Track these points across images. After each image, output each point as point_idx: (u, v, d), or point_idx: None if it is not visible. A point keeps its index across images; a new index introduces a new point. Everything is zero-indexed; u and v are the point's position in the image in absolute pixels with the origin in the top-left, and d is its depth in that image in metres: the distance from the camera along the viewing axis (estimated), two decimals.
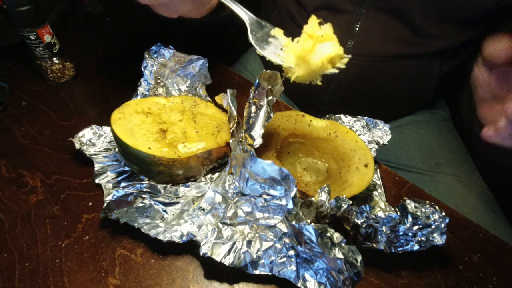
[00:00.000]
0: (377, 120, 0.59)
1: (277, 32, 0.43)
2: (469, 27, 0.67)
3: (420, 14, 0.64)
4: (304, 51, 0.39)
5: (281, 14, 0.80)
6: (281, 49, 0.42)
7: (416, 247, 0.43)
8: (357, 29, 0.69)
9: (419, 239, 0.43)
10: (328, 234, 0.40)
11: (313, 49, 0.39)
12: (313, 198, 0.44)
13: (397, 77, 0.74)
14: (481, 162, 0.77)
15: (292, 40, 0.42)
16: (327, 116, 0.61)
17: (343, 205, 0.43)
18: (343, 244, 0.40)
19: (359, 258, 0.39)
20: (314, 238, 0.39)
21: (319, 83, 0.42)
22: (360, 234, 0.44)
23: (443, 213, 0.42)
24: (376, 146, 0.57)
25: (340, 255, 0.39)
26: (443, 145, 0.79)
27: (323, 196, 0.43)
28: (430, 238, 0.43)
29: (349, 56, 0.39)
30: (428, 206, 0.43)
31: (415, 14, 0.64)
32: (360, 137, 0.58)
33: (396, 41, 0.69)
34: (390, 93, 0.78)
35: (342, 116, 0.61)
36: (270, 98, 0.45)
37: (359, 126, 0.60)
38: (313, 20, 0.40)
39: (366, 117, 0.60)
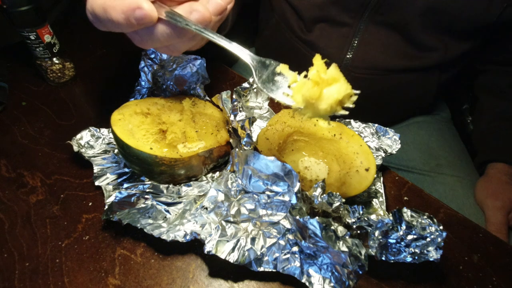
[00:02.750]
0: (387, 128, 0.58)
1: (283, 68, 0.41)
2: (468, 39, 0.67)
3: (419, 27, 0.64)
4: (311, 98, 0.38)
5: (279, 23, 0.80)
6: (289, 86, 0.41)
7: (409, 259, 0.42)
8: (356, 42, 0.69)
9: (413, 251, 0.41)
10: (332, 228, 0.40)
11: (321, 95, 0.38)
12: (307, 192, 0.44)
13: (395, 89, 0.74)
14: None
15: (299, 73, 0.40)
16: (337, 119, 0.61)
17: (335, 201, 0.43)
18: (347, 237, 0.40)
19: (363, 251, 0.39)
20: (318, 232, 0.39)
21: (330, 124, 0.40)
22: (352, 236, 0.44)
23: (441, 227, 0.41)
24: (383, 154, 0.57)
25: (344, 248, 0.39)
26: (444, 145, 0.79)
27: (317, 191, 0.43)
28: (425, 251, 0.41)
29: (358, 92, 0.38)
30: (425, 217, 0.41)
31: (414, 27, 0.64)
32: (368, 144, 0.57)
33: (395, 54, 0.69)
34: (388, 103, 0.78)
35: (352, 121, 0.61)
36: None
37: (368, 132, 0.59)
38: (318, 60, 0.38)
39: (376, 124, 0.59)
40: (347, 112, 0.38)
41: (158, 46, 0.41)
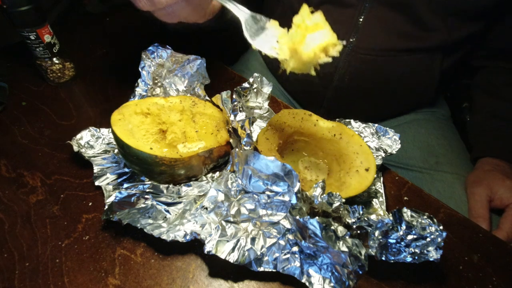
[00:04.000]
0: (387, 128, 0.58)
1: (272, 24, 0.42)
2: (471, 21, 0.68)
3: (424, 7, 0.65)
4: (294, 43, 0.38)
5: (285, 11, 0.80)
6: (277, 41, 0.42)
7: (409, 259, 0.42)
8: (360, 22, 0.69)
9: (413, 250, 0.41)
10: (332, 228, 0.40)
11: (303, 40, 0.38)
12: (307, 192, 0.44)
13: (399, 72, 0.74)
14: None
15: (288, 31, 0.41)
16: (337, 119, 0.61)
17: (335, 201, 0.43)
18: (347, 237, 0.40)
19: (363, 251, 0.39)
20: (318, 232, 0.39)
21: (313, 72, 0.41)
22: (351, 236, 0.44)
23: (441, 227, 0.41)
24: (383, 154, 0.57)
25: (344, 248, 0.39)
26: (443, 143, 0.80)
27: (317, 191, 0.43)
28: (425, 251, 0.41)
29: (343, 42, 0.38)
30: (425, 217, 0.41)
31: (419, 7, 0.65)
32: (368, 144, 0.57)
33: (399, 34, 0.69)
34: (392, 89, 0.78)
35: (352, 121, 0.61)
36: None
37: (368, 132, 0.59)
38: (305, 9, 0.39)
39: (376, 124, 0.59)
40: (330, 60, 0.38)
41: (157, 7, 0.41)
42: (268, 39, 0.42)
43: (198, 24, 0.55)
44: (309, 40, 0.38)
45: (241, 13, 0.42)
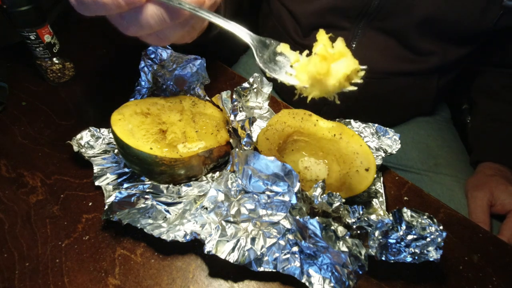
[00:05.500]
0: (387, 128, 0.58)
1: (284, 48, 0.40)
2: (466, 44, 0.68)
3: (417, 34, 0.64)
4: (319, 74, 0.36)
5: (276, 25, 0.80)
6: (291, 66, 0.40)
7: (409, 259, 0.42)
8: (354, 45, 0.69)
9: (413, 251, 0.41)
10: (332, 228, 0.40)
11: (329, 71, 0.36)
12: (307, 192, 0.44)
13: (395, 92, 0.74)
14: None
15: (300, 53, 0.39)
16: (337, 119, 0.61)
17: (335, 201, 0.43)
18: (347, 238, 0.40)
19: (363, 251, 0.39)
20: (318, 232, 0.39)
21: (337, 101, 0.39)
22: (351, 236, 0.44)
23: (441, 227, 0.41)
24: (383, 154, 0.57)
25: (344, 248, 0.39)
26: (442, 145, 0.79)
27: (317, 191, 0.43)
28: (425, 251, 0.41)
29: (365, 67, 0.36)
30: (425, 217, 0.41)
31: (412, 34, 0.65)
32: (368, 144, 0.57)
33: (393, 58, 0.69)
34: (388, 105, 0.78)
35: (352, 121, 0.61)
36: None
37: (368, 132, 0.59)
38: (322, 35, 0.36)
39: (376, 124, 0.59)
40: (355, 88, 0.37)
41: (146, 33, 0.38)
42: (282, 64, 0.40)
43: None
44: (334, 71, 0.36)
45: (249, 37, 0.40)
